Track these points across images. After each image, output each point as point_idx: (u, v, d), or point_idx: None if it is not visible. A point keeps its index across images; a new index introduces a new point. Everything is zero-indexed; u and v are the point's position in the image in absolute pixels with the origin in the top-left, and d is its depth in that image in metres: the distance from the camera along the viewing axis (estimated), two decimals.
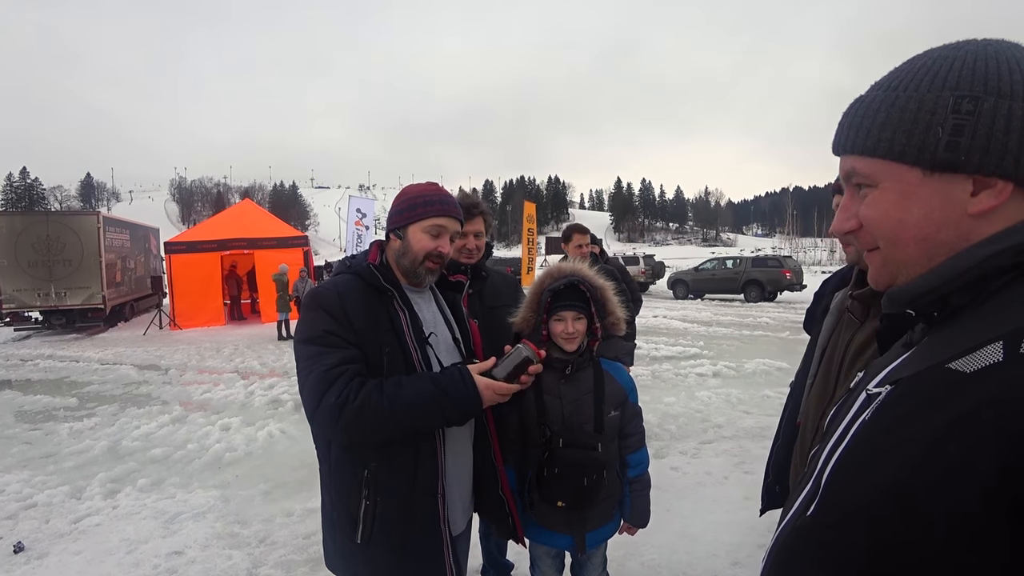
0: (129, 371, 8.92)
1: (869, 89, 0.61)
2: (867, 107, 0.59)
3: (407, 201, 1.60)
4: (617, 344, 1.95)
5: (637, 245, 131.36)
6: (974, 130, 0.52)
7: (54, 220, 14.30)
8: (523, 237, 11.62)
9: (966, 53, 0.55)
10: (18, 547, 3.28)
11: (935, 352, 0.52)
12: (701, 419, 5.48)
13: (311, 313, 1.49)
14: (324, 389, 1.38)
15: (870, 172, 0.59)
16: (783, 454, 1.75)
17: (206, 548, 3.24)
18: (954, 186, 0.54)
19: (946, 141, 0.53)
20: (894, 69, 0.60)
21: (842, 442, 0.55)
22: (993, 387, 0.44)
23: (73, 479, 4.37)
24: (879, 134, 0.57)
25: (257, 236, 15.16)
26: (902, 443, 0.46)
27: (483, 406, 1.46)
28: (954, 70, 0.54)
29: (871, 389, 0.56)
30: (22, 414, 6.55)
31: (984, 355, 0.47)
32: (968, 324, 0.53)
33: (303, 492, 3.98)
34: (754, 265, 18.95)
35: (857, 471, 0.51)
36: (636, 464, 2.02)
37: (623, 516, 2.05)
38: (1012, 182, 0.52)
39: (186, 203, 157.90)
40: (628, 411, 1.97)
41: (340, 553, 1.56)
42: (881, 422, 0.51)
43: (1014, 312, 0.49)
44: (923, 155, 0.54)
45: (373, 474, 1.47)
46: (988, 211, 0.53)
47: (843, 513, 0.49)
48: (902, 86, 0.57)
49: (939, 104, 0.54)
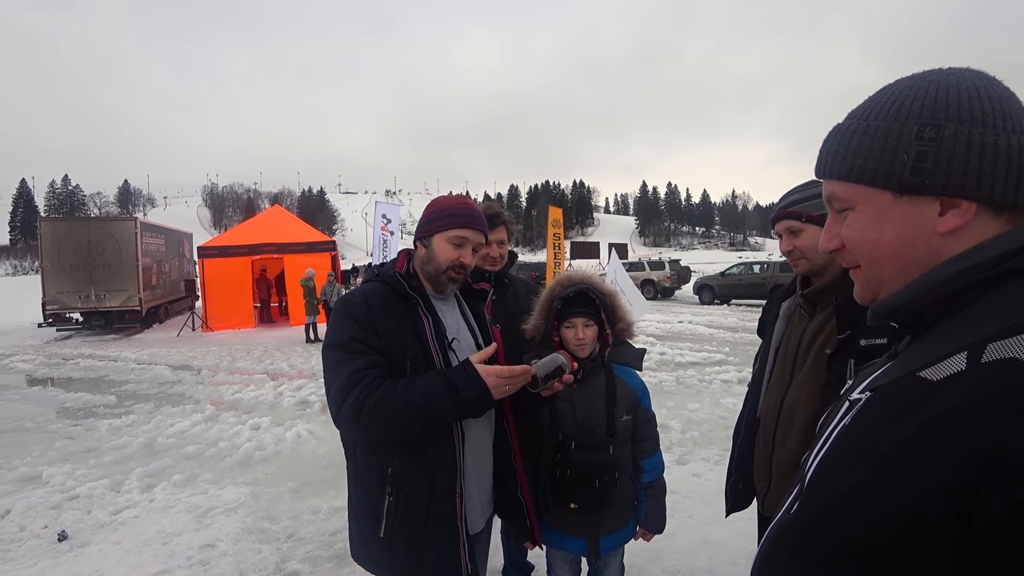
0: (164, 371, 9.24)
1: (846, 118, 0.65)
2: (843, 135, 0.63)
3: (435, 212, 1.67)
4: (628, 349, 1.99)
5: (663, 250, 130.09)
6: (936, 155, 0.56)
7: (95, 225, 14.89)
8: (548, 242, 11.63)
9: (929, 83, 0.59)
10: (62, 536, 3.45)
11: (910, 361, 0.55)
12: (725, 426, 5.42)
13: (339, 320, 1.57)
14: (347, 392, 1.46)
15: (847, 196, 0.63)
16: (745, 451, 1.81)
17: (237, 542, 3.36)
18: (923, 207, 0.58)
19: (911, 166, 0.57)
20: (867, 98, 0.64)
21: (825, 445, 0.58)
22: (955, 395, 0.46)
23: (112, 473, 4.56)
24: (853, 160, 0.61)
25: (287, 241, 15.51)
26: (872, 446, 0.49)
27: (492, 394, 1.49)
28: (918, 99, 0.58)
29: (853, 396, 0.59)
30: (64, 410, 6.84)
31: (950, 364, 0.49)
32: (940, 335, 0.56)
33: (330, 491, 4.08)
34: (782, 270, 18.56)
35: (832, 471, 0.54)
36: (650, 469, 2.02)
37: (638, 522, 2.05)
38: (975, 202, 0.56)
39: (218, 208, 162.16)
40: (640, 415, 1.99)
41: (365, 545, 1.63)
42: (856, 426, 0.54)
43: (980, 324, 0.51)
44: (892, 179, 0.58)
45: (396, 472, 1.53)
46: (956, 229, 0.57)
47: (817, 510, 0.52)
48: (872, 115, 0.61)
49: (904, 132, 0.58)
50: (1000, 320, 0.50)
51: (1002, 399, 0.44)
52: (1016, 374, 0.45)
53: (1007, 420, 0.42)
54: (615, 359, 1.98)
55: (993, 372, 0.46)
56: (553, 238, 11.48)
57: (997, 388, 0.45)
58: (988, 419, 0.43)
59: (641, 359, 2.01)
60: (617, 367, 1.97)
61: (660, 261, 24.63)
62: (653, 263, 24.17)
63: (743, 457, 1.82)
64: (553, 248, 11.46)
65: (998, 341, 0.48)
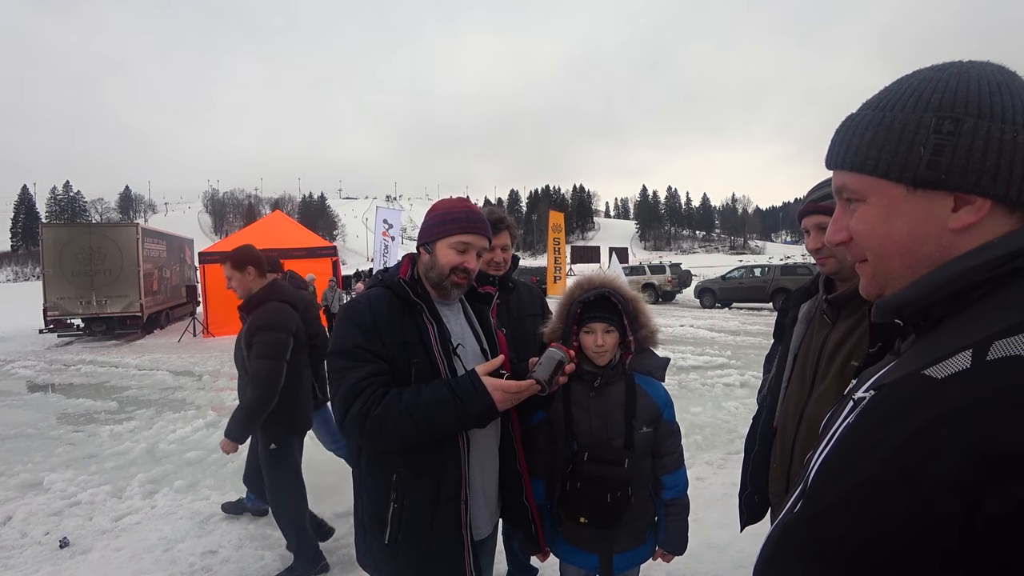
0: (165, 377, 9.23)
1: (860, 108, 0.64)
2: (857, 125, 0.62)
3: (437, 217, 1.66)
4: (651, 358, 1.88)
5: (663, 253, 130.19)
6: (954, 150, 0.55)
7: (96, 231, 14.89)
8: (548, 247, 11.64)
9: (949, 76, 0.58)
10: (64, 542, 3.44)
11: (915, 359, 0.54)
12: (728, 429, 5.42)
13: (343, 327, 1.56)
14: (351, 400, 1.46)
15: (859, 188, 0.62)
16: (759, 462, 1.73)
17: (239, 548, 3.34)
18: (936, 202, 0.57)
19: (927, 160, 0.56)
20: (884, 88, 0.63)
21: (829, 444, 0.57)
22: (959, 393, 0.46)
23: (114, 479, 4.54)
24: (867, 152, 0.60)
25: (288, 247, 15.51)
26: (877, 444, 0.49)
27: (497, 407, 1.48)
28: (937, 92, 0.57)
29: (858, 395, 0.59)
30: (65, 416, 6.83)
31: (955, 362, 0.49)
32: (946, 333, 0.55)
33: (332, 497, 4.06)
34: (783, 273, 18.58)
35: (836, 470, 0.54)
36: (672, 486, 1.89)
37: (657, 542, 1.92)
38: (990, 199, 0.55)
39: (219, 214, 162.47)
40: (662, 428, 1.87)
41: (370, 552, 1.63)
42: (860, 424, 0.54)
43: (986, 322, 0.51)
44: (906, 173, 0.57)
45: (401, 479, 1.53)
46: (968, 226, 0.56)
47: (821, 508, 0.52)
48: (888, 106, 0.60)
49: (922, 124, 0.57)
50: (1005, 318, 0.50)
51: (1007, 397, 0.44)
52: (1021, 372, 0.45)
53: (1012, 418, 0.42)
54: (637, 368, 1.86)
55: (998, 370, 0.46)
56: (553, 243, 11.48)
57: (1002, 386, 0.45)
58: (993, 417, 0.43)
59: (664, 369, 1.90)
60: (639, 376, 1.86)
61: (661, 265, 24.66)
62: (654, 267, 24.18)
63: (758, 468, 1.74)
64: (554, 252, 11.46)
65: (1003, 339, 0.48)
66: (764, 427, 1.75)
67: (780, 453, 1.63)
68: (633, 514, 1.79)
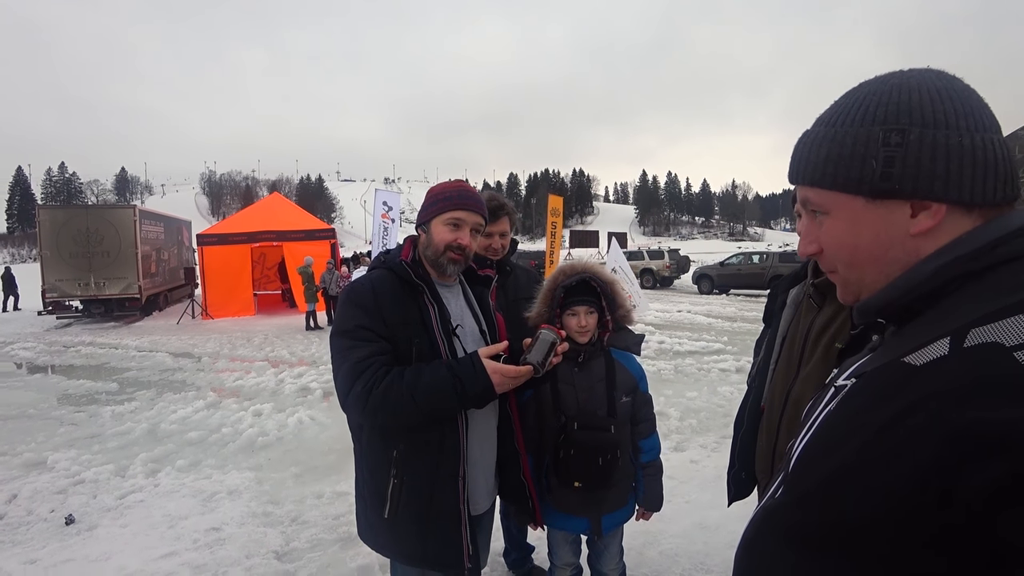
0: (165, 358, 9.29)
1: (814, 123, 0.67)
2: (812, 142, 0.65)
3: (431, 198, 1.71)
4: (628, 335, 2.04)
5: (662, 239, 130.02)
6: (904, 160, 0.58)
7: (93, 213, 14.85)
8: (547, 231, 11.62)
9: (891, 88, 0.60)
10: (69, 519, 3.51)
11: (894, 348, 0.57)
12: (723, 414, 5.49)
13: (346, 308, 1.60)
14: (354, 379, 1.50)
15: (821, 202, 0.65)
16: (748, 440, 1.82)
17: (242, 525, 3.41)
18: (895, 211, 0.60)
19: (880, 172, 0.59)
20: (834, 103, 0.65)
21: (810, 431, 0.60)
22: (938, 379, 0.48)
23: (117, 458, 4.61)
24: (823, 168, 0.63)
25: (286, 229, 15.48)
26: (856, 429, 0.51)
27: (496, 389, 1.53)
28: (882, 104, 0.60)
29: (839, 383, 0.61)
30: (66, 397, 6.89)
31: (933, 349, 0.51)
32: (924, 323, 0.58)
33: (332, 475, 4.14)
34: (781, 260, 18.58)
35: (816, 455, 0.56)
36: (648, 449, 2.11)
37: (637, 501, 2.13)
38: (944, 203, 0.58)
39: (216, 196, 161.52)
40: (639, 398, 2.08)
41: (371, 526, 1.68)
42: (840, 412, 0.56)
43: (962, 312, 0.54)
44: (863, 185, 0.60)
45: (401, 455, 1.57)
46: (928, 230, 0.59)
47: (801, 492, 0.54)
48: (839, 122, 0.63)
49: (871, 138, 0.59)
50: (981, 308, 0.52)
51: (984, 381, 0.45)
52: (998, 357, 0.47)
53: (989, 401, 0.43)
54: (615, 344, 2.05)
55: (975, 356, 0.48)
56: (551, 227, 11.45)
57: (979, 371, 0.46)
58: (970, 400, 0.44)
59: (640, 344, 2.08)
60: (617, 352, 2.05)
61: (659, 250, 24.65)
62: (652, 252, 24.17)
63: (746, 446, 1.82)
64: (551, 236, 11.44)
65: (980, 326, 0.49)
66: (752, 407, 1.83)
67: (767, 432, 1.70)
68: (620, 475, 1.99)
